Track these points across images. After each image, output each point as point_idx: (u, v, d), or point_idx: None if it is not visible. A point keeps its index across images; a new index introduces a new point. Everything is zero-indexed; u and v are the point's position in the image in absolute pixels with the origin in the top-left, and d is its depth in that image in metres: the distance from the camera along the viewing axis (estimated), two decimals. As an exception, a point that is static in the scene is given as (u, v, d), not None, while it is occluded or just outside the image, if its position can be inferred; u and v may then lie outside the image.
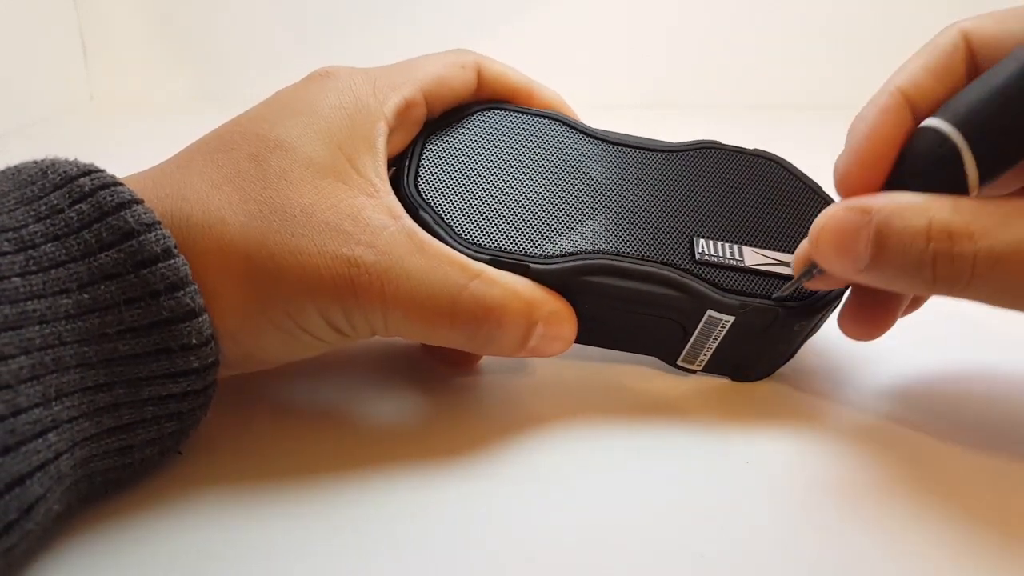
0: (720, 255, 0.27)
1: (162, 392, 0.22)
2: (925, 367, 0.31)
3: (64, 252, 0.20)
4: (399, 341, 0.32)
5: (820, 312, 0.27)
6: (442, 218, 0.26)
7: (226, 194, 0.23)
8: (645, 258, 0.27)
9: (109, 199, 0.21)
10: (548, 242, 0.26)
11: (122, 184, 0.21)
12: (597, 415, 0.28)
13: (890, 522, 0.23)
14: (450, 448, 0.26)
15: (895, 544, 0.22)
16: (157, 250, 0.21)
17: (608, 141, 0.30)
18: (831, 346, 0.31)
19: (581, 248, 0.26)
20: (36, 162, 0.22)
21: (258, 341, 0.24)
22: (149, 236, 0.21)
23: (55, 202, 0.21)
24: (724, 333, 0.28)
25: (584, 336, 0.27)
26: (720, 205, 0.29)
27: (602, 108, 0.48)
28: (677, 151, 0.30)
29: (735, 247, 0.28)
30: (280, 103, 0.26)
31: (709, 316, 0.27)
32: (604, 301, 0.27)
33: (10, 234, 0.20)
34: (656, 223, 0.28)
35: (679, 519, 0.23)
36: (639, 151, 0.30)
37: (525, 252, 0.26)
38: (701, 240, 0.28)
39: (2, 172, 0.22)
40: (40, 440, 0.19)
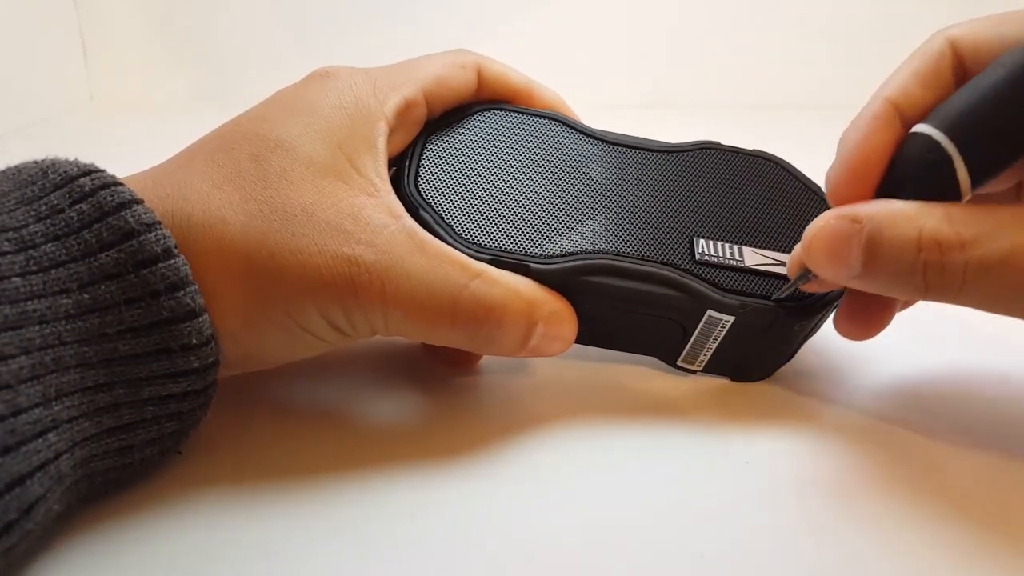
0: (720, 255, 0.27)
1: (162, 392, 0.22)
2: (925, 367, 0.31)
3: (64, 252, 0.20)
4: (399, 341, 0.32)
5: (820, 312, 0.27)
6: (442, 218, 0.26)
7: (227, 194, 0.23)
8: (645, 258, 0.27)
9: (109, 199, 0.21)
10: (548, 242, 0.26)
11: (122, 184, 0.22)
12: (597, 415, 0.28)
13: (890, 522, 0.23)
14: (450, 448, 0.26)
15: (895, 544, 0.22)
16: (157, 250, 0.21)
17: (608, 141, 0.30)
18: (831, 346, 0.31)
19: (581, 248, 0.26)
20: (36, 162, 0.22)
21: (258, 341, 0.24)
22: (149, 236, 0.21)
23: (55, 202, 0.21)
24: (724, 333, 0.28)
25: (584, 336, 0.27)
26: (720, 205, 0.29)
27: (602, 108, 0.48)
28: (677, 151, 0.31)
29: (735, 247, 0.28)
30: (280, 103, 0.26)
31: (709, 316, 0.27)
32: (604, 301, 0.27)
33: (10, 234, 0.20)
34: (656, 223, 0.28)
35: (679, 519, 0.23)
36: (639, 151, 0.30)
37: (525, 252, 0.26)
38: (701, 240, 0.28)
39: (2, 172, 0.22)
40: (40, 440, 0.19)
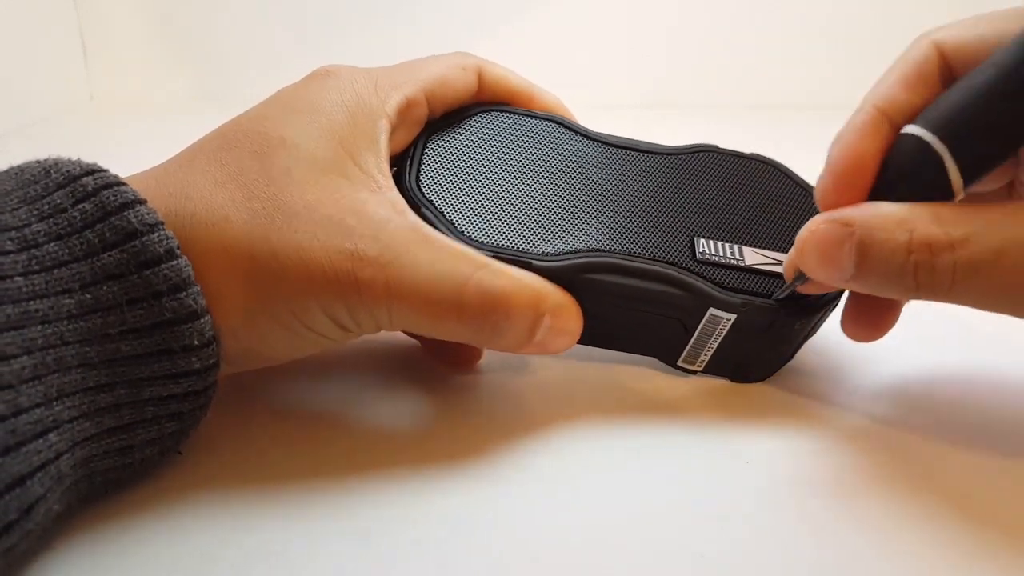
0: (721, 254, 0.28)
1: (163, 392, 0.22)
2: (925, 368, 0.31)
3: (67, 252, 0.20)
4: (399, 341, 0.32)
5: (820, 312, 0.27)
6: (444, 215, 0.26)
7: (230, 191, 0.23)
8: (647, 256, 0.27)
9: (112, 199, 0.21)
10: (550, 240, 0.26)
11: (125, 184, 0.21)
12: (597, 415, 0.28)
13: (890, 522, 0.23)
14: (450, 448, 0.26)
15: (895, 544, 0.22)
16: (160, 251, 0.21)
17: (607, 144, 0.30)
18: (831, 346, 0.31)
19: (583, 246, 0.26)
20: (39, 161, 0.22)
21: (261, 338, 0.24)
22: (152, 237, 0.21)
23: (58, 201, 0.21)
24: (725, 332, 0.28)
25: (585, 336, 0.27)
26: (719, 206, 0.29)
27: (602, 108, 0.48)
28: (675, 154, 0.31)
29: (735, 247, 0.28)
30: (282, 102, 0.26)
31: (711, 314, 0.27)
32: (606, 299, 0.27)
33: (13, 233, 0.20)
34: (657, 223, 0.28)
35: (679, 519, 0.23)
36: (637, 154, 0.30)
37: (527, 250, 0.26)
38: (702, 240, 0.28)
39: (5, 172, 0.22)
40: (41, 440, 0.19)
